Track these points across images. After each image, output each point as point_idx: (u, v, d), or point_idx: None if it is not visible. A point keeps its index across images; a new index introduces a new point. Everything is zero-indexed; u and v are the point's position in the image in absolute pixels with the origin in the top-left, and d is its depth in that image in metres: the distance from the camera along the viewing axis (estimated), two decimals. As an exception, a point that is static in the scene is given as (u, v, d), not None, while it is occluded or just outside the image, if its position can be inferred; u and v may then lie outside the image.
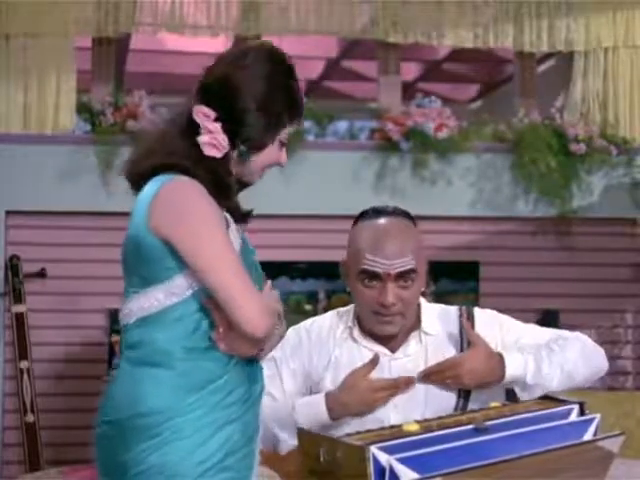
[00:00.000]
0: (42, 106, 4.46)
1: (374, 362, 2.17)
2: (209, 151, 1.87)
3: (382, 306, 2.17)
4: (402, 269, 2.15)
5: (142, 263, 1.84)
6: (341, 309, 2.37)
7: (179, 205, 1.81)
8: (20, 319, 4.22)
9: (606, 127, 4.84)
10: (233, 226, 1.92)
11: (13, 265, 4.29)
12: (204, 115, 1.88)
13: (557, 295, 4.76)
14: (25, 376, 4.16)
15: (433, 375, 2.17)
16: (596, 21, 4.89)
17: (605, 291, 4.82)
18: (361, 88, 7.77)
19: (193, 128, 1.89)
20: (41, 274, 4.36)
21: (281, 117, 1.93)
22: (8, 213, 4.37)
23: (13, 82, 4.44)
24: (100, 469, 1.89)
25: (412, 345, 2.25)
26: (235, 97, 1.89)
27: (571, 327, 4.68)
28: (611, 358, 4.86)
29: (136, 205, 1.86)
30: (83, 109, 4.50)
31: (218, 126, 1.87)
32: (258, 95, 1.90)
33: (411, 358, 2.23)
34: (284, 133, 1.95)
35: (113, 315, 4.22)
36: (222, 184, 1.87)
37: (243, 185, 1.98)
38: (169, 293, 1.82)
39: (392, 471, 1.60)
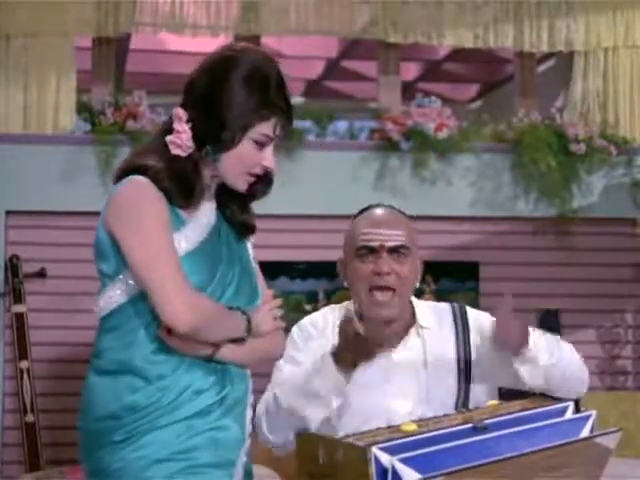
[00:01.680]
0: (42, 106, 4.46)
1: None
2: (174, 150, 1.90)
3: (377, 275, 2.23)
4: (395, 243, 2.25)
5: (100, 260, 1.93)
6: (334, 305, 2.42)
7: (123, 202, 1.86)
8: (20, 319, 4.22)
9: (606, 127, 4.83)
10: (195, 230, 1.91)
11: (13, 265, 4.28)
12: (178, 117, 1.91)
13: (557, 295, 4.76)
14: (25, 376, 4.16)
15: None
16: (596, 21, 4.89)
17: (605, 291, 4.82)
18: (361, 88, 7.77)
19: (172, 129, 1.93)
20: (41, 274, 4.35)
21: (245, 115, 1.89)
22: (8, 213, 4.37)
23: (13, 82, 4.44)
24: (84, 471, 1.93)
25: (411, 339, 2.31)
26: (201, 98, 1.91)
27: (571, 327, 4.73)
28: (611, 358, 4.91)
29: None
30: (83, 109, 4.50)
31: (187, 127, 1.89)
32: (221, 95, 1.89)
33: (411, 351, 2.28)
34: (256, 132, 1.90)
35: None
36: (185, 183, 1.88)
37: (241, 197, 1.98)
38: (117, 290, 1.89)
39: (394, 471, 1.60)
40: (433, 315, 2.35)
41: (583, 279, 4.80)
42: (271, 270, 4.35)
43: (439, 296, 4.50)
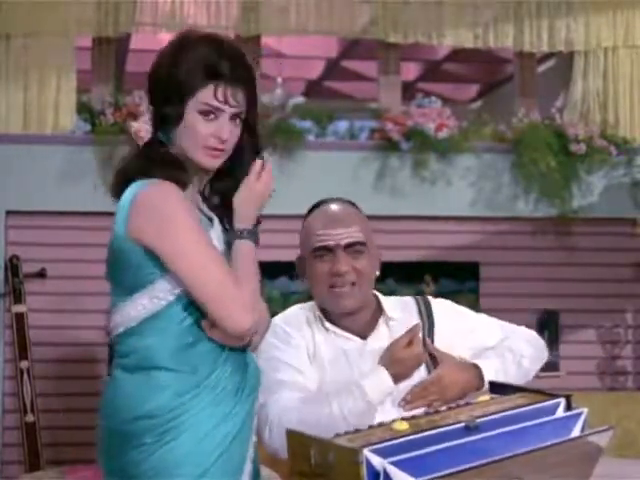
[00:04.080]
0: (42, 106, 4.46)
1: (412, 331, 2.24)
2: (138, 141, 1.92)
3: (336, 275, 2.26)
4: (351, 240, 2.27)
5: (125, 271, 1.85)
6: (302, 304, 2.44)
7: (156, 210, 1.82)
8: (20, 319, 4.22)
9: (606, 127, 4.84)
10: (217, 231, 1.92)
11: (13, 265, 4.28)
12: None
13: (557, 295, 4.76)
14: (25, 376, 4.16)
15: (417, 399, 2.22)
16: (596, 21, 4.89)
17: (605, 291, 4.82)
18: (361, 88, 7.78)
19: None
20: (41, 274, 4.36)
21: (180, 86, 1.87)
22: (8, 213, 4.37)
23: (13, 82, 4.44)
24: (104, 473, 1.90)
25: (381, 330, 2.34)
26: (149, 87, 1.94)
27: (571, 327, 4.73)
28: (611, 358, 4.91)
29: (116, 214, 1.87)
30: (83, 109, 4.50)
31: (146, 117, 1.94)
32: (154, 74, 1.92)
33: (381, 342, 2.30)
34: (197, 102, 1.87)
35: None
36: (170, 164, 1.87)
37: (234, 188, 1.97)
38: (153, 297, 1.83)
39: (386, 475, 1.60)
40: (399, 307, 2.38)
41: (583, 279, 4.80)
42: (271, 270, 4.35)
43: (439, 296, 4.50)
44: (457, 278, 4.70)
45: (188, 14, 4.63)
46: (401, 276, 4.50)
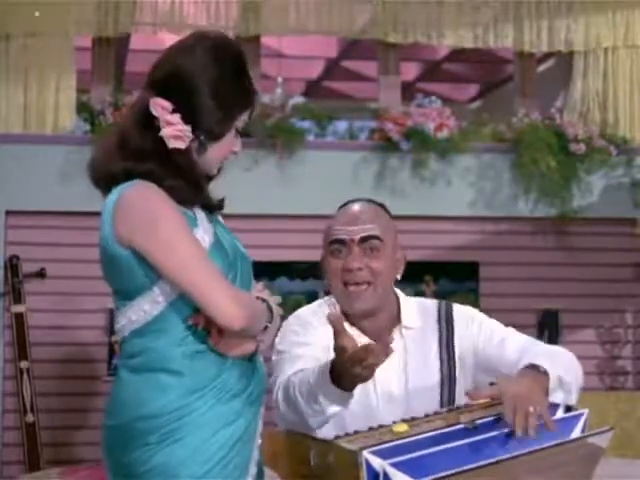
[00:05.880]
0: (42, 106, 4.47)
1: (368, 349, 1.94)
2: (174, 143, 1.84)
3: (348, 271, 2.20)
4: (364, 234, 2.21)
5: (119, 276, 1.84)
6: (322, 300, 2.38)
7: (139, 213, 1.80)
8: (20, 319, 4.22)
9: (606, 127, 4.84)
10: (204, 223, 1.89)
11: (13, 265, 4.28)
12: (162, 108, 1.84)
13: (557, 295, 4.76)
14: (25, 376, 4.16)
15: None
16: (596, 21, 4.90)
17: (605, 291, 4.82)
18: (361, 88, 7.77)
19: (151, 123, 1.85)
20: (41, 274, 4.35)
21: (236, 103, 1.89)
22: (8, 213, 4.37)
23: (13, 82, 4.44)
24: (109, 471, 1.89)
25: (395, 340, 2.27)
26: (189, 86, 1.86)
27: (571, 327, 4.73)
28: (611, 358, 4.91)
29: (102, 216, 1.86)
30: (83, 109, 4.51)
31: (177, 117, 1.84)
32: (211, 82, 1.86)
33: (394, 353, 2.24)
34: (240, 120, 1.91)
35: (113, 315, 4.22)
36: (191, 177, 1.85)
37: (209, 178, 1.96)
38: (154, 302, 1.82)
39: (386, 476, 1.60)
40: (418, 314, 2.31)
41: (583, 279, 4.80)
42: (271, 270, 4.35)
43: (439, 296, 4.50)
44: (457, 278, 4.70)
45: (188, 14, 4.63)
46: (401, 276, 4.50)
